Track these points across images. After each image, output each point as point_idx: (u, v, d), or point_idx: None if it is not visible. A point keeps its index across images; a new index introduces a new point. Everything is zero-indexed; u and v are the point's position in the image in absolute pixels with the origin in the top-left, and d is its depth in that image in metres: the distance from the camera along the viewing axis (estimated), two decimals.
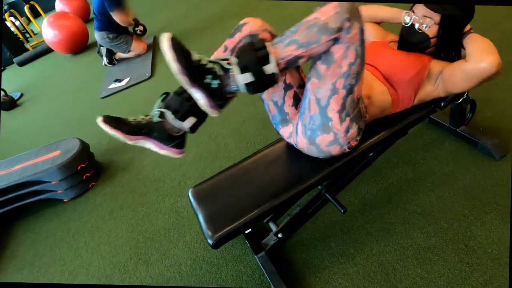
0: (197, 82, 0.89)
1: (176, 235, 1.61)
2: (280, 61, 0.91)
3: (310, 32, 0.89)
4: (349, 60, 0.94)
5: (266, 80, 0.91)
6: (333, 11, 0.88)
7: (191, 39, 3.82)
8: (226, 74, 0.91)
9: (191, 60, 0.88)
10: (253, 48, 0.90)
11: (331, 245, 1.34)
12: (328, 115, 1.02)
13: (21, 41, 5.91)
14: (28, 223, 2.00)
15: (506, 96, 1.68)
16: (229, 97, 0.96)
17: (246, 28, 1.05)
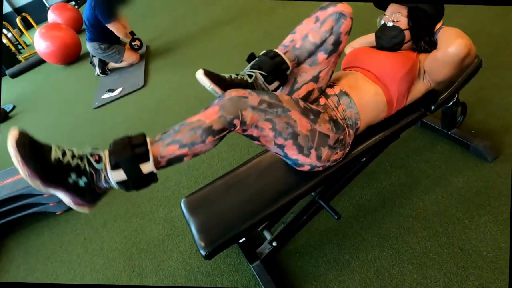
0: (56, 182, 0.79)
1: (170, 246, 1.59)
2: (161, 159, 0.87)
3: (194, 134, 0.88)
4: (267, 129, 0.96)
5: (142, 179, 0.84)
6: (216, 115, 0.89)
7: (183, 46, 3.83)
8: (96, 171, 0.83)
9: (46, 160, 0.78)
10: (130, 143, 0.84)
11: (327, 252, 1.33)
12: (293, 158, 1.06)
13: (13, 53, 5.88)
14: (20, 237, 1.97)
15: (496, 99, 1.69)
16: (102, 192, 0.87)
17: (341, 6, 1.04)
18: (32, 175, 0.76)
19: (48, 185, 0.79)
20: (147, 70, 3.59)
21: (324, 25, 1.06)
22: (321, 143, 1.03)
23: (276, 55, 1.07)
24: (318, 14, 1.08)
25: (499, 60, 1.89)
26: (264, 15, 3.85)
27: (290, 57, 1.10)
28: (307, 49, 1.09)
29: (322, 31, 1.06)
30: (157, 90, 3.16)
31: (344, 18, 1.04)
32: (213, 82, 0.97)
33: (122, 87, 3.35)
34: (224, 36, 3.75)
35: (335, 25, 1.05)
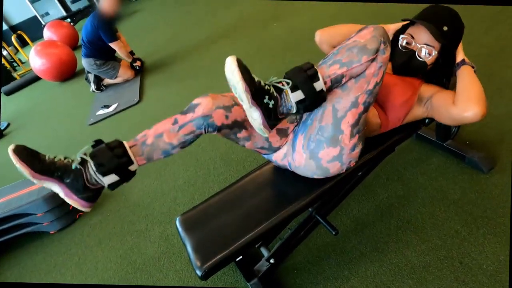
0: (257, 101, 0.90)
1: (166, 264, 1.56)
2: (326, 79, 0.96)
3: (351, 53, 0.96)
4: (377, 79, 1.01)
5: (316, 96, 0.94)
6: (371, 34, 0.97)
7: (178, 61, 3.85)
8: (280, 95, 0.94)
9: (254, 81, 0.90)
10: (302, 69, 0.94)
11: (325, 268, 1.31)
12: (341, 127, 1.03)
13: (8, 71, 5.89)
14: (13, 258, 1.93)
15: (489, 110, 1.69)
16: (281, 118, 0.97)
17: (199, 110, 1.00)
18: (247, 89, 0.87)
19: (254, 101, 0.89)
20: (142, 86, 3.60)
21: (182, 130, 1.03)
22: (363, 137, 1.09)
23: (117, 146, 0.97)
24: (177, 117, 1.04)
25: (491, 71, 1.91)
26: (257, 30, 3.89)
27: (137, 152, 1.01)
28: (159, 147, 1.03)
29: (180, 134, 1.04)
30: (153, 105, 3.16)
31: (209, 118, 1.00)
32: (23, 162, 0.91)
33: (117, 103, 3.35)
34: (219, 51, 3.79)
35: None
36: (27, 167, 0.89)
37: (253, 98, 0.89)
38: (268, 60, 3.07)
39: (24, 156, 0.90)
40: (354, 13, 3.31)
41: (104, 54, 3.53)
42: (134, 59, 3.76)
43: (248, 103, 0.89)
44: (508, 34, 2.19)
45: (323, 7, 3.76)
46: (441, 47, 1.13)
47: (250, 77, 0.89)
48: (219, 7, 5.42)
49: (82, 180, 0.94)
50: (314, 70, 0.93)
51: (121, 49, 3.53)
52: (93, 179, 0.95)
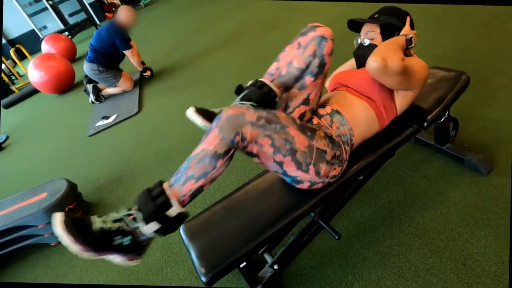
0: (105, 249, 0.86)
1: (169, 273, 1.55)
2: (183, 198, 0.92)
3: (203, 164, 0.91)
4: (267, 145, 0.97)
5: (172, 222, 0.90)
6: (218, 139, 0.91)
7: (177, 72, 3.89)
8: (134, 228, 0.89)
9: (91, 232, 0.85)
10: (151, 196, 0.89)
11: (329, 274, 1.31)
12: (292, 175, 1.07)
13: (6, 84, 5.91)
14: (14, 271, 1.91)
15: (486, 113, 1.72)
16: (146, 244, 0.94)
17: (320, 30, 1.08)
18: (84, 249, 0.83)
19: (100, 253, 0.85)
20: (141, 96, 3.63)
21: (307, 50, 1.09)
22: (319, 158, 1.05)
23: (263, 85, 1.08)
24: (299, 40, 1.11)
25: (486, 76, 1.95)
26: (255, 39, 3.95)
27: (277, 84, 1.12)
28: (293, 75, 1.12)
29: (306, 55, 1.09)
30: (152, 115, 3.17)
31: (325, 41, 1.08)
32: (204, 119, 1.00)
33: (116, 114, 3.36)
34: (217, 60, 3.83)
35: (318, 49, 1.09)
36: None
37: (98, 251, 0.84)
38: (265, 69, 3.10)
39: (203, 114, 0.95)
40: None
41: (109, 62, 3.61)
42: (145, 68, 3.85)
43: (96, 257, 0.85)
44: (501, 40, 2.23)
45: (320, 16, 3.82)
46: (380, 28, 1.27)
47: (84, 232, 0.83)
48: (217, 18, 5.50)
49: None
50: (164, 198, 0.89)
51: (133, 57, 3.64)
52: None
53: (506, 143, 1.54)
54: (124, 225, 0.89)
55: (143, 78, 3.90)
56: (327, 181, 1.11)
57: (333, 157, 1.08)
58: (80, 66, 5.39)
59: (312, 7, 4.28)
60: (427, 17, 2.76)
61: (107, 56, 3.56)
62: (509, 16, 2.41)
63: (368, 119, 1.18)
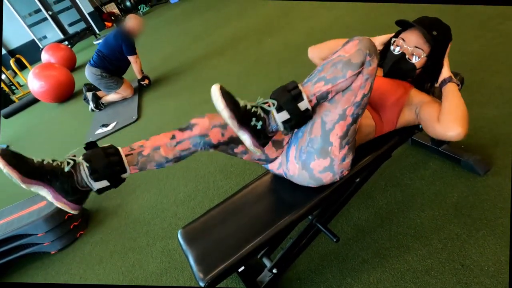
0: (244, 125, 0.93)
1: (169, 280, 1.55)
2: (312, 97, 0.98)
3: (336, 69, 0.97)
4: (364, 91, 1.02)
5: (301, 115, 0.97)
6: (355, 48, 0.97)
7: (175, 79, 3.91)
8: (268, 115, 0.97)
9: (238, 106, 0.93)
10: (286, 89, 0.96)
11: (328, 277, 1.31)
12: (330, 140, 1.05)
13: (7, 94, 5.95)
14: (14, 280, 1.91)
15: (481, 114, 1.73)
16: (270, 136, 1.00)
17: (196, 129, 1.03)
18: (232, 116, 0.90)
19: (240, 126, 0.93)
20: (141, 104, 3.65)
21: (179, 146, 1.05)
22: (353, 147, 1.11)
23: (114, 154, 1.00)
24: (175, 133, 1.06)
25: (479, 77, 1.96)
26: (252, 46, 3.97)
27: (132, 161, 1.03)
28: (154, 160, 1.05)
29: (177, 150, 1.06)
30: (151, 122, 3.19)
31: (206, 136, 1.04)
32: (10, 166, 0.87)
33: (116, 121, 3.38)
34: (215, 67, 3.86)
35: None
36: (14, 171, 0.85)
37: (239, 123, 0.92)
38: (263, 74, 3.12)
39: (11, 160, 0.86)
40: (347, 26, 3.39)
41: (114, 69, 3.66)
42: (143, 77, 3.91)
43: (236, 128, 0.93)
44: (496, 41, 2.25)
45: (315, 21, 3.85)
46: (430, 51, 1.18)
47: (234, 103, 0.92)
48: (214, 25, 5.54)
49: (71, 183, 0.93)
50: (298, 90, 0.95)
51: (136, 64, 3.73)
52: (83, 182, 0.94)
53: (502, 143, 1.55)
54: (260, 111, 0.96)
55: (141, 86, 3.94)
56: (337, 177, 1.12)
57: (353, 159, 1.13)
58: (80, 75, 5.43)
59: (308, 12, 4.31)
60: None
61: (112, 63, 3.61)
62: (503, 17, 2.43)
63: (367, 129, 1.19)
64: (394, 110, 1.20)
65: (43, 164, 0.92)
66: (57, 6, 9.23)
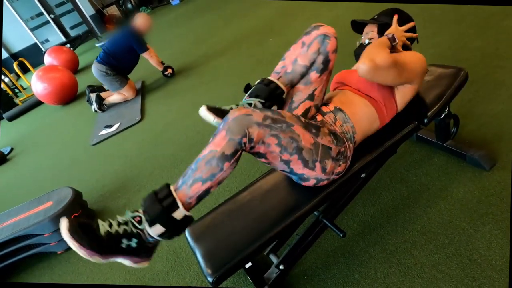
0: (112, 252, 0.87)
1: (175, 278, 1.55)
2: (190, 200, 0.93)
3: (211, 166, 0.92)
4: (273, 145, 0.98)
5: (178, 225, 0.91)
6: (225, 140, 0.91)
7: (178, 79, 3.92)
8: (141, 230, 0.90)
9: (98, 236, 0.86)
10: (157, 198, 0.90)
11: (335, 273, 1.31)
12: (298, 173, 1.07)
13: (10, 97, 5.98)
14: (21, 279, 1.92)
15: (486, 109, 1.73)
16: (153, 246, 0.95)
17: (323, 29, 1.11)
18: (90, 253, 0.84)
19: (107, 256, 0.87)
20: (144, 105, 3.66)
21: (311, 48, 1.12)
22: (324, 155, 1.06)
23: (270, 82, 1.12)
24: (303, 39, 1.14)
25: (484, 73, 1.96)
26: (254, 46, 3.98)
27: (284, 81, 1.15)
28: (298, 72, 1.15)
29: (310, 53, 1.12)
30: (154, 123, 3.20)
31: (328, 38, 1.11)
32: (216, 116, 1.02)
33: (119, 122, 3.39)
34: (217, 68, 3.87)
35: (321, 46, 1.12)
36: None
37: (103, 254, 0.85)
38: (266, 74, 3.12)
39: (215, 112, 0.95)
40: (348, 25, 3.39)
41: (120, 67, 3.67)
42: (165, 67, 3.94)
43: (103, 260, 0.87)
44: (498, 37, 2.25)
45: (316, 21, 3.85)
46: (378, 28, 1.34)
47: (90, 236, 0.85)
48: (216, 26, 5.56)
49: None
50: (171, 200, 0.89)
51: (152, 58, 3.73)
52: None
53: (508, 138, 1.55)
54: (130, 228, 0.90)
55: (165, 76, 3.99)
56: (332, 177, 1.12)
57: (338, 153, 1.10)
58: (82, 77, 5.47)
59: (309, 12, 4.32)
60: (424, 17, 2.78)
61: (119, 61, 3.62)
62: (505, 14, 2.43)
63: (369, 116, 1.20)
64: (384, 88, 1.21)
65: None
66: (59, 9, 9.27)
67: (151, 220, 0.88)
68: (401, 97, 1.24)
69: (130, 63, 3.76)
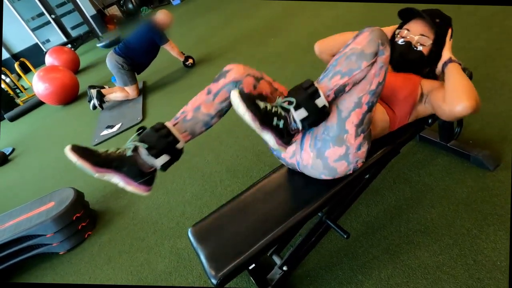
0: (266, 125, 0.95)
1: (178, 279, 1.55)
2: (329, 93, 0.99)
3: (350, 61, 0.98)
4: (379, 79, 1.02)
5: (319, 113, 0.99)
6: (367, 39, 0.98)
7: (179, 80, 3.92)
8: (288, 114, 0.99)
9: (259, 108, 0.95)
10: (303, 87, 0.98)
11: (338, 274, 1.31)
12: (346, 127, 1.05)
13: (11, 97, 5.98)
14: (22, 281, 1.92)
15: (489, 109, 1.72)
16: (293, 133, 1.02)
17: (230, 75, 1.09)
18: (253, 118, 0.93)
19: (263, 126, 0.95)
20: (145, 105, 3.66)
21: (218, 97, 1.10)
22: (368, 136, 1.10)
23: (161, 128, 1.03)
24: (210, 86, 1.12)
25: (486, 72, 1.95)
26: (256, 45, 3.98)
27: (180, 128, 1.07)
28: (200, 120, 1.10)
29: (216, 102, 1.10)
30: (156, 123, 3.19)
31: (240, 83, 1.08)
32: (82, 158, 0.94)
33: (121, 122, 3.39)
34: (219, 68, 3.82)
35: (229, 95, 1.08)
36: (87, 162, 0.94)
37: (261, 124, 0.95)
38: (268, 74, 3.12)
39: (81, 153, 0.95)
40: (349, 24, 3.38)
41: (136, 63, 3.72)
42: (186, 57, 4.01)
43: (258, 129, 0.96)
44: (500, 37, 2.24)
45: (317, 20, 3.85)
46: (434, 38, 1.21)
47: (254, 106, 0.94)
48: (217, 26, 5.56)
49: (136, 166, 1.00)
50: (314, 88, 0.97)
51: (173, 49, 3.82)
52: (146, 163, 1.02)
53: (511, 138, 1.54)
54: (280, 110, 0.98)
55: (186, 67, 4.05)
56: (351, 167, 1.11)
57: (368, 149, 1.12)
58: (84, 78, 5.47)
59: (309, 12, 4.31)
60: None
61: (137, 54, 3.66)
62: (507, 13, 2.42)
63: (382, 124, 1.20)
64: (408, 103, 1.20)
65: (108, 153, 1.00)
66: (60, 9, 9.29)
67: (297, 104, 0.97)
68: (416, 116, 1.23)
69: (147, 58, 3.80)
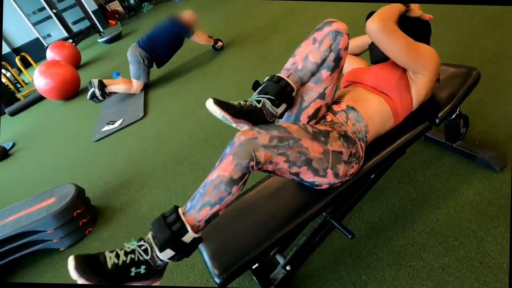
0: (123, 281, 0.89)
1: (179, 277, 1.54)
2: (199, 224, 0.94)
3: (219, 190, 0.92)
4: (281, 162, 0.97)
5: (187, 248, 0.92)
6: (232, 165, 0.91)
7: (180, 76, 3.90)
8: (149, 256, 0.91)
9: (105, 270, 0.87)
10: (166, 223, 0.91)
11: (342, 274, 1.29)
12: (310, 181, 1.07)
13: (12, 92, 5.96)
14: (22, 277, 1.91)
15: (495, 110, 1.71)
16: (163, 268, 0.97)
17: (335, 24, 1.09)
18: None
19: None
20: (147, 101, 3.64)
21: (323, 45, 1.09)
22: (335, 161, 1.04)
23: (280, 79, 1.09)
24: (315, 35, 1.11)
25: (493, 72, 1.93)
26: (259, 43, 3.95)
27: (294, 79, 1.12)
28: (309, 69, 1.11)
29: (322, 50, 1.09)
30: (157, 120, 3.18)
31: (340, 35, 1.08)
32: (223, 110, 1.01)
33: (122, 118, 3.37)
34: (221, 64, 3.84)
35: (333, 43, 1.08)
36: (228, 114, 1.01)
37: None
38: (271, 71, 3.08)
39: (223, 106, 1.01)
40: (354, 21, 3.36)
41: (157, 57, 3.77)
42: (215, 40, 4.07)
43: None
44: (507, 37, 2.22)
45: (322, 18, 3.81)
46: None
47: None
48: (219, 23, 5.52)
49: (263, 116, 1.07)
50: (180, 224, 0.90)
51: (201, 37, 3.91)
52: (269, 113, 1.08)
53: None
54: (137, 256, 0.91)
55: (215, 50, 4.11)
56: (346, 179, 1.10)
57: (350, 155, 1.08)
58: (85, 73, 5.45)
59: (313, 10, 4.28)
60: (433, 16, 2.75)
61: (160, 47, 3.71)
62: None
63: (383, 115, 1.17)
64: (402, 86, 1.19)
65: (242, 106, 1.05)
66: (61, 4, 9.23)
67: (161, 246, 0.89)
68: (416, 94, 1.21)
69: (168, 53, 3.84)
